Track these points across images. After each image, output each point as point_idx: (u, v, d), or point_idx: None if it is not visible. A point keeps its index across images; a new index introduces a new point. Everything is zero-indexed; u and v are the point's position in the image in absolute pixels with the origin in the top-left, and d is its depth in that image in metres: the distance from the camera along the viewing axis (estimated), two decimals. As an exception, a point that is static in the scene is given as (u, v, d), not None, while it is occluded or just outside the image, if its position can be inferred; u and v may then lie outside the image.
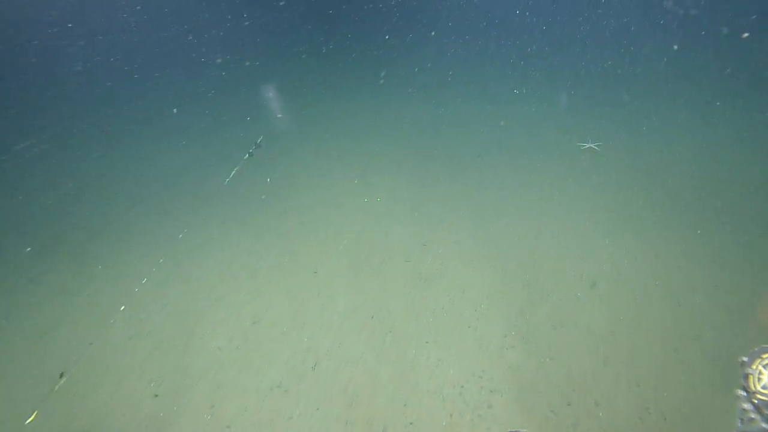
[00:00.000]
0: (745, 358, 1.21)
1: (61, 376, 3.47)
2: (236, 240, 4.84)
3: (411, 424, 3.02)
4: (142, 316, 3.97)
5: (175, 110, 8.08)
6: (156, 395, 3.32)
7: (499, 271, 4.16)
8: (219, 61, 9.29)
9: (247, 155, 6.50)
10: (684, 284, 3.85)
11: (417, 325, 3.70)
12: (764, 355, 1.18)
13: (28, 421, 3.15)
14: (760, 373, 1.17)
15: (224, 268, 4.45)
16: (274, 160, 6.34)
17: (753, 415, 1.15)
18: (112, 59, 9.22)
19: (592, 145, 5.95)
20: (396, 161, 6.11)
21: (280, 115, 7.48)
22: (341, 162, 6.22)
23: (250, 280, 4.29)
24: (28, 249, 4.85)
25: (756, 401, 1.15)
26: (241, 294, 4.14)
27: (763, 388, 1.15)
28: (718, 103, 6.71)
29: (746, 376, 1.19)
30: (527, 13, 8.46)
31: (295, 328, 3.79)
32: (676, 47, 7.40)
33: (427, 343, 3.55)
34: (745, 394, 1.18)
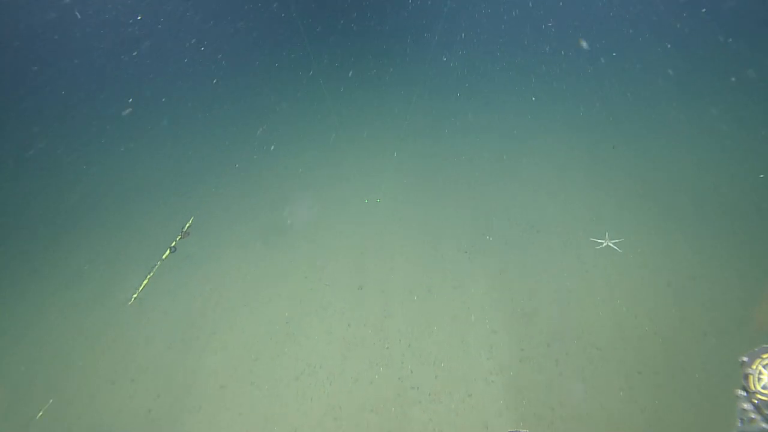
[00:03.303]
0: (745, 358, 1.18)
1: None
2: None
3: None
4: None
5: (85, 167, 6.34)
6: None
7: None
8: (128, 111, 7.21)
9: (168, 251, 5.02)
10: None
11: None
12: (764, 355, 1.15)
13: None
14: (760, 373, 1.14)
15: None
16: (204, 261, 4.84)
17: (753, 415, 1.13)
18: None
19: (610, 243, 4.64)
20: (355, 265, 4.67)
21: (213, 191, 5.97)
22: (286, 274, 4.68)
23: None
24: None
25: (756, 401, 1.13)
26: None
27: (763, 388, 1.12)
28: None
29: (746, 376, 1.16)
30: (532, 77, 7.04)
31: None
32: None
33: None
34: (745, 394, 1.16)
